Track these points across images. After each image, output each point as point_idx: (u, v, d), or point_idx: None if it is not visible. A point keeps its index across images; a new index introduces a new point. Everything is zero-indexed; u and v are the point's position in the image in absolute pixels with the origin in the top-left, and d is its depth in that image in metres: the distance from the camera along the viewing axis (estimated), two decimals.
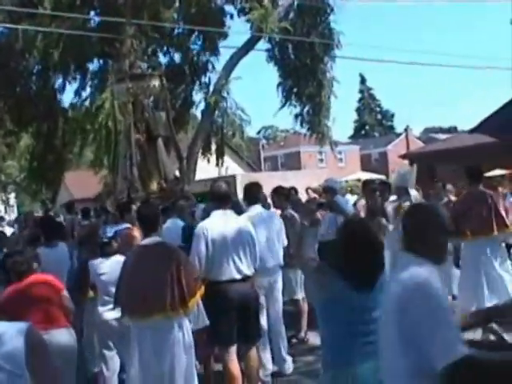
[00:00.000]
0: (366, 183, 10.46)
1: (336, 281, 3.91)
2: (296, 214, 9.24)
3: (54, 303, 6.17)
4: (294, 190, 11.95)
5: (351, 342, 3.94)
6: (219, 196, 7.06)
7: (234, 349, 6.79)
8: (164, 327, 5.78)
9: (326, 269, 4.02)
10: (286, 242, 8.25)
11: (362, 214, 9.40)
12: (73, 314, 6.45)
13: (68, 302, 6.37)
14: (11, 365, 3.07)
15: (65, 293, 6.39)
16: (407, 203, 8.41)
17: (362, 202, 10.91)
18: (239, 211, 7.82)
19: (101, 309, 7.13)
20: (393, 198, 10.10)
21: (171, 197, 12.03)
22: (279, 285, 8.13)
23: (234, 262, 6.72)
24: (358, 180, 40.40)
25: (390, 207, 9.58)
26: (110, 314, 7.03)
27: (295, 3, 23.31)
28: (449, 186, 12.32)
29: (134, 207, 10.37)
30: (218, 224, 6.82)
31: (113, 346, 7.23)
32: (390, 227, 8.53)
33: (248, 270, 6.84)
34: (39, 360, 3.17)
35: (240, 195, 15.71)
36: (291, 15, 23.65)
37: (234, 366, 6.74)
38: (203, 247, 6.67)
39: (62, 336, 6.11)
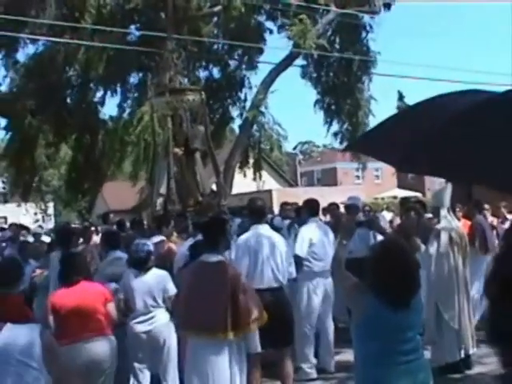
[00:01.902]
0: (403, 202, 10.43)
1: (373, 299, 3.93)
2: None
3: (99, 311, 6.22)
4: (335, 205, 11.98)
5: (386, 360, 3.93)
6: (255, 211, 7.68)
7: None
8: (215, 347, 5.81)
9: (363, 287, 4.04)
10: None
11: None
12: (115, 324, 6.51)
13: (113, 312, 6.43)
14: (31, 360, 3.40)
15: (112, 303, 6.47)
16: (439, 224, 8.38)
17: (398, 220, 10.86)
18: (273, 226, 8.70)
19: (132, 321, 7.15)
20: (428, 215, 10.04)
21: (208, 211, 12.11)
22: (330, 288, 8.49)
23: (273, 271, 7.18)
24: (395, 197, 40.19)
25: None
26: (141, 326, 7.09)
27: (334, 21, 23.30)
28: (486, 205, 12.15)
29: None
30: (256, 237, 7.34)
31: (144, 359, 7.24)
32: (423, 247, 8.46)
33: (283, 279, 7.29)
34: (51, 357, 3.50)
35: (276, 209, 15.72)
36: (329, 33, 23.74)
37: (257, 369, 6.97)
38: (243, 259, 7.15)
39: (102, 345, 6.17)
